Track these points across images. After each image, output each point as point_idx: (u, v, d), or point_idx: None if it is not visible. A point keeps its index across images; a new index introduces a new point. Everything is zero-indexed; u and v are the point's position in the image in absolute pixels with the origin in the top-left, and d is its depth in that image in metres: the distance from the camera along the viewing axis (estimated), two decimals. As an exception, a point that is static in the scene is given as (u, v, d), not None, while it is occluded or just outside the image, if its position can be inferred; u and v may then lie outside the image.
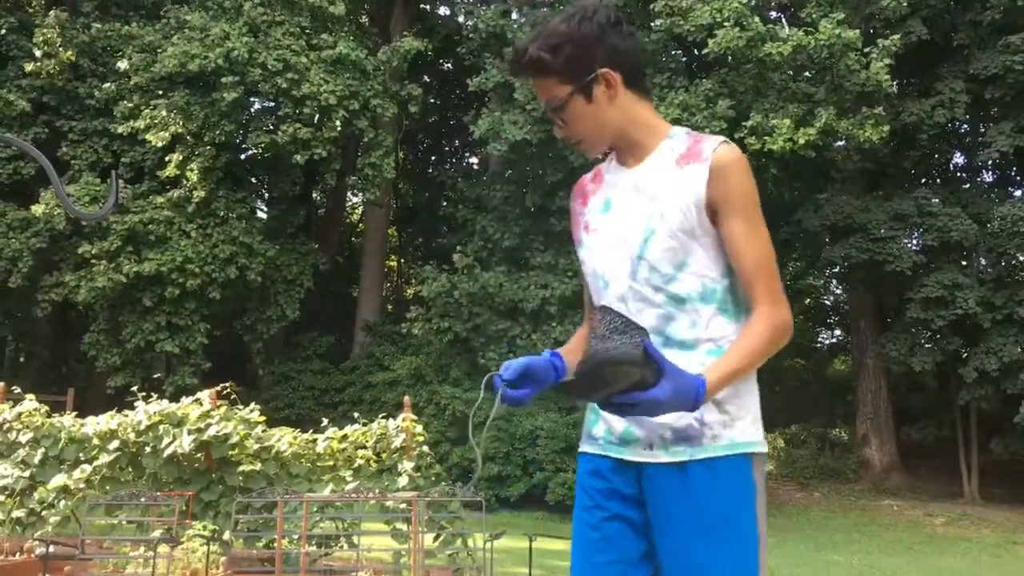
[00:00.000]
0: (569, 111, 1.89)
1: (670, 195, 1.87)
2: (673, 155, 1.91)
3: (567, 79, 1.88)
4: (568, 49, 1.86)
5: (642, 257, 1.88)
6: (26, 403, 9.46)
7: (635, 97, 1.91)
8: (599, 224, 1.96)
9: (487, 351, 19.08)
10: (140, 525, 8.27)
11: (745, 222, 1.86)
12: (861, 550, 14.50)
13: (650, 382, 1.63)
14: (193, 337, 18.87)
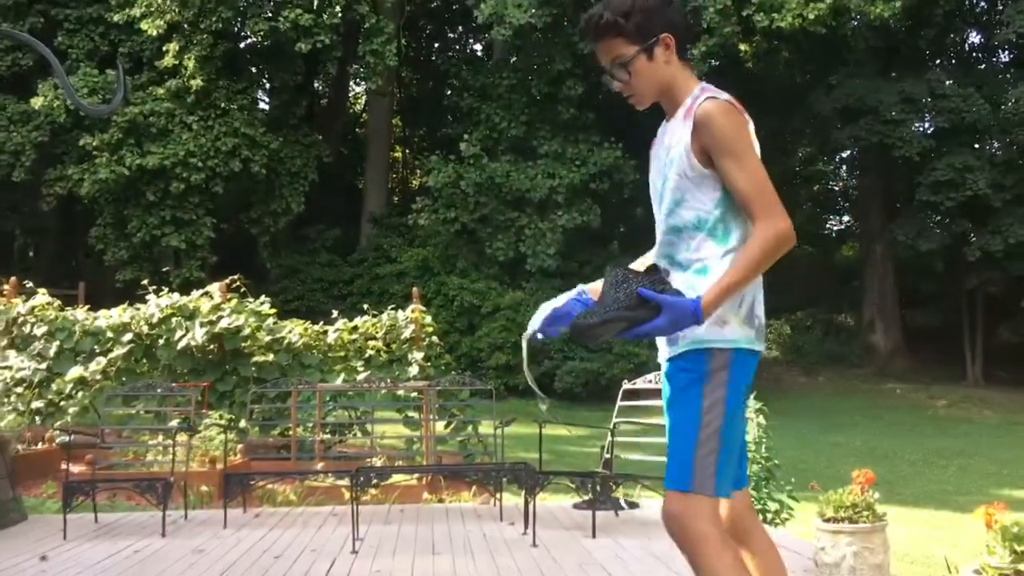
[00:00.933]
0: (633, 68, 2.25)
1: (676, 145, 2.27)
2: (683, 111, 2.28)
3: (634, 40, 2.24)
4: (639, 16, 2.23)
5: (662, 196, 2.31)
6: (39, 297, 9.55)
7: (681, 63, 2.32)
8: (655, 154, 2.40)
9: (494, 241, 19.06)
10: (158, 415, 8.45)
11: (733, 160, 2.18)
12: (863, 432, 14.77)
13: (649, 318, 2.06)
14: (199, 231, 18.85)
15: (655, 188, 2.35)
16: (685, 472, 2.12)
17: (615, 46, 2.25)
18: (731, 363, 2.19)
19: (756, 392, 7.67)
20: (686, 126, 2.23)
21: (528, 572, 4.39)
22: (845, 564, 4.14)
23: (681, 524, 2.14)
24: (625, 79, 2.27)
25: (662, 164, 2.32)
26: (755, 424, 6.68)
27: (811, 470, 10.44)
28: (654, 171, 2.38)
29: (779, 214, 2.17)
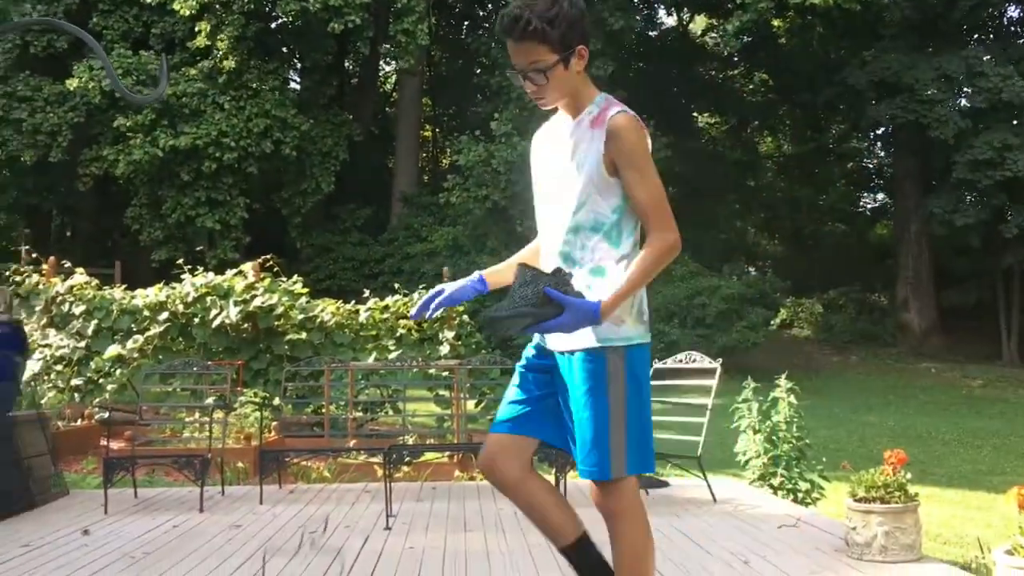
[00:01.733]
0: (551, 74, 2.35)
1: (582, 151, 2.39)
2: (589, 118, 2.42)
3: (556, 49, 2.34)
4: (563, 25, 2.33)
5: (560, 189, 2.43)
6: (76, 276, 9.71)
7: (584, 72, 2.46)
8: (541, 157, 2.52)
9: (525, 219, 19.03)
10: (194, 392, 8.58)
11: (638, 173, 2.36)
12: (897, 412, 14.68)
13: (553, 316, 2.27)
14: (233, 212, 19.02)
15: (549, 186, 2.47)
16: (605, 462, 2.37)
17: (536, 51, 2.33)
18: (629, 357, 2.42)
19: (787, 372, 7.65)
20: (596, 135, 2.38)
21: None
22: (876, 544, 4.15)
23: (609, 509, 2.44)
24: (542, 83, 2.36)
25: (562, 165, 2.42)
26: (786, 404, 6.67)
27: (843, 450, 10.41)
28: (546, 170, 2.48)
29: (672, 227, 2.39)
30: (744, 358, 17.92)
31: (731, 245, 29.02)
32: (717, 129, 28.54)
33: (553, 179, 2.45)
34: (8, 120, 18.87)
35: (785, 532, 4.83)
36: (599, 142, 2.36)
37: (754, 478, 6.72)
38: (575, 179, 2.39)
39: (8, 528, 4.97)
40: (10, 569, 4.05)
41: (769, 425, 6.69)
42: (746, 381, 6.89)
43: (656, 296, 17.87)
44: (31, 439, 5.93)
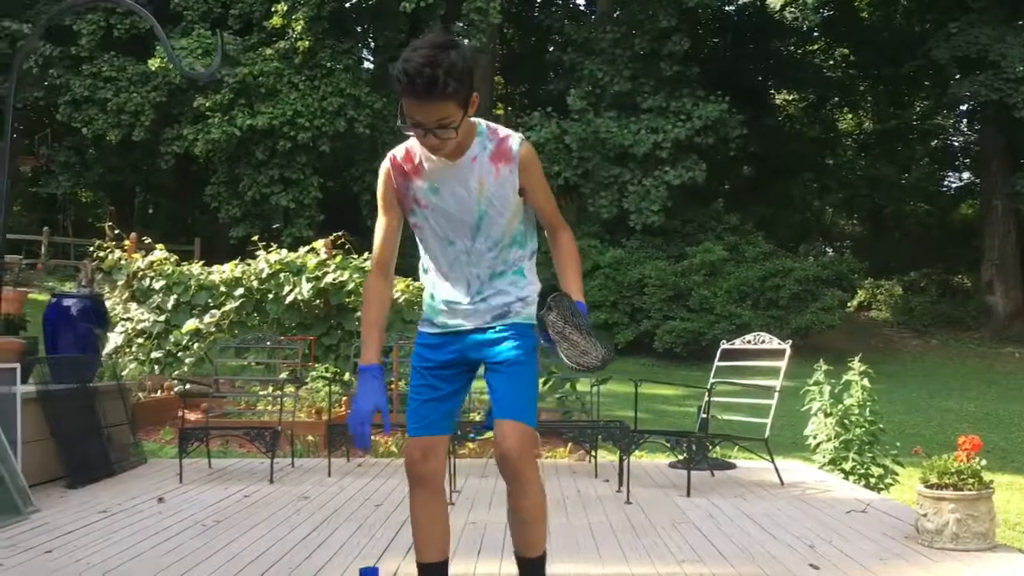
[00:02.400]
0: (450, 132, 2.36)
1: (491, 187, 2.52)
2: (486, 154, 2.51)
3: (461, 104, 2.35)
4: (467, 79, 2.34)
5: (479, 228, 2.56)
6: (156, 252, 9.99)
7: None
8: (431, 202, 2.55)
9: (597, 197, 18.94)
10: (267, 366, 8.78)
11: (543, 189, 2.64)
12: (978, 397, 14.24)
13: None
14: (307, 191, 19.34)
15: (457, 226, 2.57)
16: (532, 413, 2.62)
17: (446, 109, 2.32)
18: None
19: (863, 355, 7.48)
20: (505, 169, 2.52)
21: (620, 528, 4.43)
22: (947, 531, 4.05)
23: (526, 449, 2.57)
24: (452, 137, 2.38)
25: (470, 199, 2.53)
26: (859, 387, 6.53)
27: (920, 435, 10.15)
28: (447, 212, 2.56)
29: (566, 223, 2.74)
30: (819, 340, 17.58)
31: (808, 225, 28.42)
32: (795, 106, 27.89)
33: (462, 218, 2.55)
34: (94, 100, 19.47)
35: (853, 517, 4.74)
36: (512, 176, 2.53)
37: (824, 462, 6.60)
38: (496, 213, 2.55)
39: (88, 494, 5.16)
40: (88, 534, 4.21)
41: (841, 408, 6.57)
42: (817, 364, 6.77)
43: (728, 278, 17.63)
44: (112, 409, 6.14)
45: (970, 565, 3.77)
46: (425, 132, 2.35)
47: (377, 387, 2.49)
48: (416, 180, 2.55)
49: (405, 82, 2.28)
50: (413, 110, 2.32)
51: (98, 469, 5.65)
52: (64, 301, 6.30)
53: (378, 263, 2.65)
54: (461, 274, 2.62)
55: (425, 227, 2.60)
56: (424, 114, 2.32)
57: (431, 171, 2.52)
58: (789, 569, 3.68)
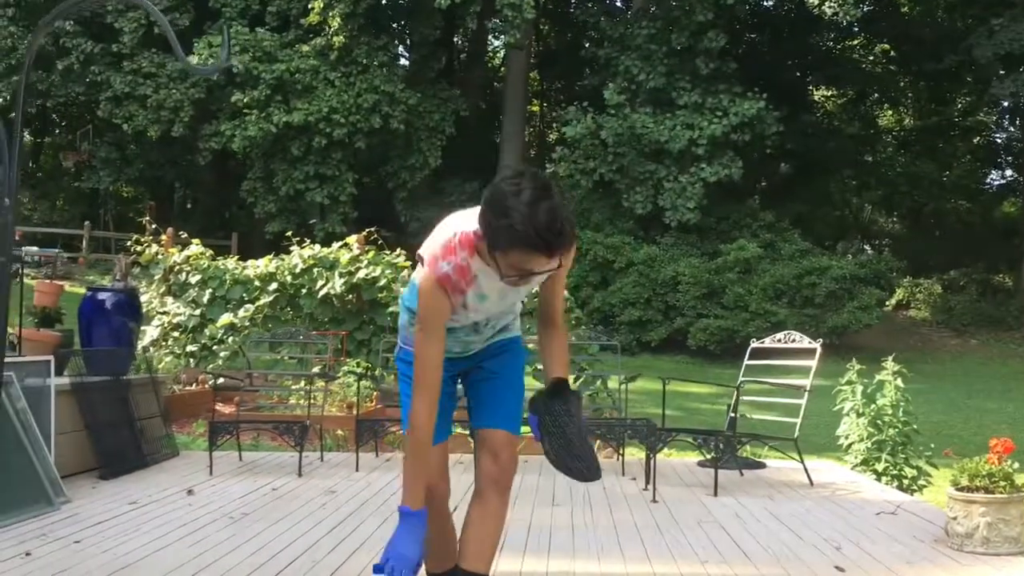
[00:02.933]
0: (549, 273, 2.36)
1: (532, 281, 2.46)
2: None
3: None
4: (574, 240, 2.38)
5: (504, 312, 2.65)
6: (192, 247, 10.11)
7: None
8: (475, 306, 2.51)
9: (632, 193, 18.87)
10: (300, 361, 8.85)
11: (563, 280, 2.60)
12: (1018, 398, 13.99)
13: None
14: (341, 187, 19.48)
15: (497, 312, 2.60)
16: (520, 425, 2.62)
17: (559, 259, 2.29)
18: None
19: (900, 354, 7.38)
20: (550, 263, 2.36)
21: (645, 527, 4.41)
22: (978, 535, 3.98)
23: (512, 464, 2.60)
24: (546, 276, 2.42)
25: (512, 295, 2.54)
26: (892, 387, 6.45)
27: (956, 436, 10.00)
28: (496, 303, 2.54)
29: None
30: (856, 339, 17.37)
31: (846, 223, 28.08)
32: (833, 102, 27.54)
33: (498, 311, 2.60)
34: (135, 96, 19.76)
35: (882, 519, 4.68)
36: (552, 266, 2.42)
37: (856, 463, 6.52)
38: (517, 299, 2.63)
39: (119, 486, 5.24)
40: (117, 524, 4.27)
41: (874, 409, 6.49)
42: (850, 363, 6.69)
43: (763, 275, 17.48)
44: (145, 402, 6.23)
45: (1000, 569, 3.71)
46: (530, 275, 2.30)
47: (421, 534, 2.34)
48: (471, 292, 2.47)
49: (542, 243, 2.17)
50: (537, 262, 2.23)
51: (130, 461, 5.74)
52: (99, 295, 6.40)
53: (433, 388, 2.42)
54: (471, 339, 2.66)
55: (459, 321, 2.56)
56: (548, 263, 2.25)
57: (484, 284, 2.45)
58: (814, 571, 3.64)
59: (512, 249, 2.19)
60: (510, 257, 2.22)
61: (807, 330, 13.15)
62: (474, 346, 2.68)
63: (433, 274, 2.40)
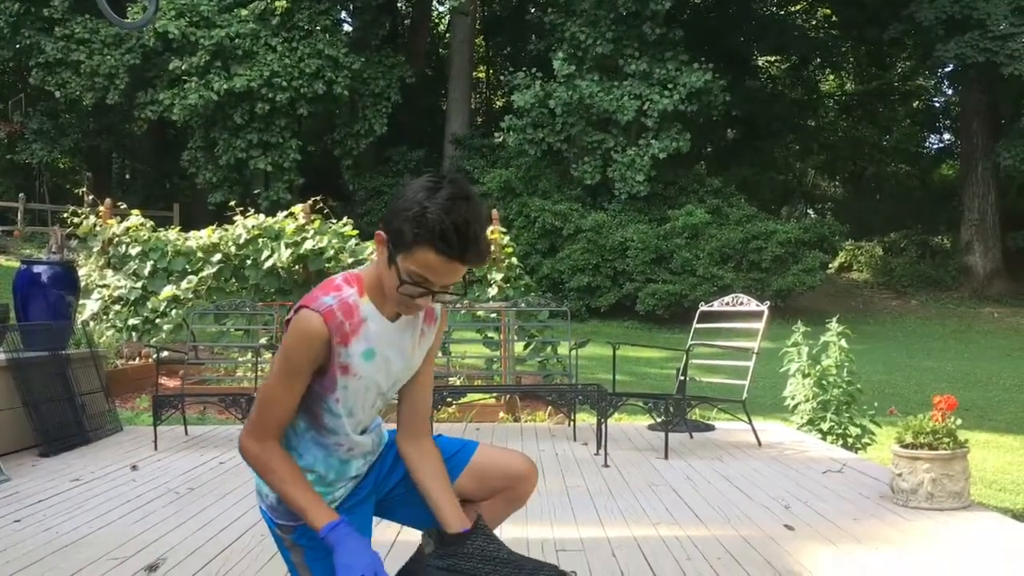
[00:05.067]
0: (449, 296, 2.02)
1: (418, 353, 2.16)
2: (421, 316, 2.13)
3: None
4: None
5: (385, 395, 2.16)
6: (133, 218, 9.86)
7: None
8: (360, 370, 2.06)
9: (580, 163, 18.85)
10: (246, 332, 8.71)
11: (433, 359, 2.24)
12: (956, 357, 14.36)
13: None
14: (285, 154, 19.14)
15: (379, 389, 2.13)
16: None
17: (463, 273, 1.97)
18: None
19: (840, 315, 7.50)
20: (430, 326, 2.17)
21: (597, 491, 4.43)
22: (922, 491, 4.06)
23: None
24: (446, 301, 2.08)
25: (399, 364, 2.12)
26: (836, 348, 6.54)
27: (898, 395, 10.22)
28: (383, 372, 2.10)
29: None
30: (800, 302, 17.65)
31: (789, 187, 28.45)
32: (777, 68, 27.77)
33: (380, 386, 2.13)
34: (67, 62, 19.17)
35: (829, 478, 4.75)
36: (430, 337, 2.18)
37: (803, 423, 6.63)
38: (406, 379, 2.19)
39: (61, 462, 5.11)
40: (59, 502, 4.17)
41: (819, 369, 6.58)
42: (796, 325, 6.77)
43: (711, 240, 17.62)
44: (85, 377, 6.08)
45: (944, 524, 3.79)
46: (428, 295, 1.95)
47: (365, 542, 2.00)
48: (354, 343, 2.02)
49: (446, 244, 1.85)
50: (435, 271, 1.89)
51: (71, 437, 5.60)
52: (34, 268, 6.21)
53: (281, 428, 2.06)
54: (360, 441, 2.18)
55: (341, 398, 2.07)
56: (448, 276, 1.92)
57: (374, 333, 2.03)
58: (764, 531, 3.68)
59: (418, 247, 1.86)
60: (414, 258, 1.88)
61: (753, 293, 13.33)
62: (359, 467, 2.21)
63: (315, 308, 1.98)
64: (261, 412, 2.02)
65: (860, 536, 3.58)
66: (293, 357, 1.98)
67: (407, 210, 1.87)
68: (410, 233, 1.86)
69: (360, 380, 2.06)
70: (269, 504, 2.14)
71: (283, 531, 2.14)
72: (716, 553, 3.33)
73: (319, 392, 2.06)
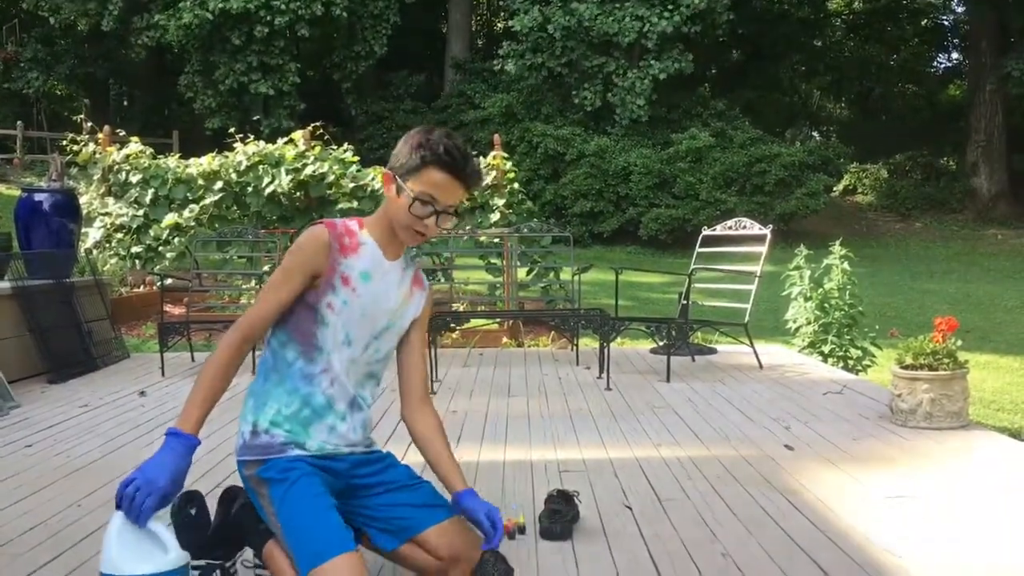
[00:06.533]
0: (450, 221, 2.16)
1: (406, 308, 2.27)
2: (411, 273, 2.28)
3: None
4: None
5: (377, 339, 2.22)
6: (132, 145, 9.79)
7: None
8: (359, 287, 2.17)
9: (581, 89, 18.60)
10: (249, 260, 8.73)
11: (424, 339, 2.35)
12: (959, 279, 14.38)
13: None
14: (285, 78, 18.88)
15: (372, 322, 2.18)
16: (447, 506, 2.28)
17: (460, 196, 2.14)
18: None
19: (843, 238, 7.49)
20: (418, 296, 2.29)
21: (599, 413, 4.48)
22: (921, 411, 4.10)
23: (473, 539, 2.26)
24: (448, 227, 2.20)
25: (389, 303, 2.21)
26: (839, 271, 6.55)
27: (900, 318, 10.27)
28: (374, 301, 2.17)
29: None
30: (804, 225, 17.60)
31: (794, 109, 28.08)
32: (783, -15, 27.18)
33: (374, 319, 2.19)
34: (59, -15, 18.82)
35: (830, 399, 4.81)
36: (418, 304, 2.30)
37: (804, 345, 6.68)
38: (395, 334, 2.25)
39: (69, 389, 5.18)
40: (70, 427, 4.23)
41: (821, 292, 6.60)
42: (799, 248, 6.76)
43: (714, 164, 17.49)
44: (90, 305, 6.11)
45: (942, 443, 3.84)
46: (435, 215, 2.11)
47: (183, 468, 1.94)
48: (352, 258, 2.16)
49: (448, 159, 2.08)
50: (441, 188, 2.09)
51: (79, 364, 5.66)
52: (35, 196, 6.19)
53: (251, 327, 2.09)
54: (343, 389, 2.20)
55: (339, 311, 2.14)
56: (451, 195, 2.11)
57: (372, 259, 2.18)
58: (764, 451, 3.73)
59: (425, 168, 2.07)
60: (421, 179, 2.07)
61: (756, 217, 13.28)
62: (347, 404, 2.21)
63: (320, 225, 2.15)
64: (249, 310, 2.13)
65: (858, 455, 3.64)
66: (291, 258, 2.11)
67: (411, 144, 2.11)
68: (417, 157, 2.08)
69: (359, 299, 2.15)
70: (242, 443, 2.16)
71: (248, 470, 2.14)
72: (716, 472, 3.39)
73: (313, 302, 2.12)
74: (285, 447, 2.12)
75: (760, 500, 3.03)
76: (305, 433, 2.16)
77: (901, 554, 2.51)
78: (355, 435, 2.24)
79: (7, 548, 2.61)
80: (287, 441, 2.13)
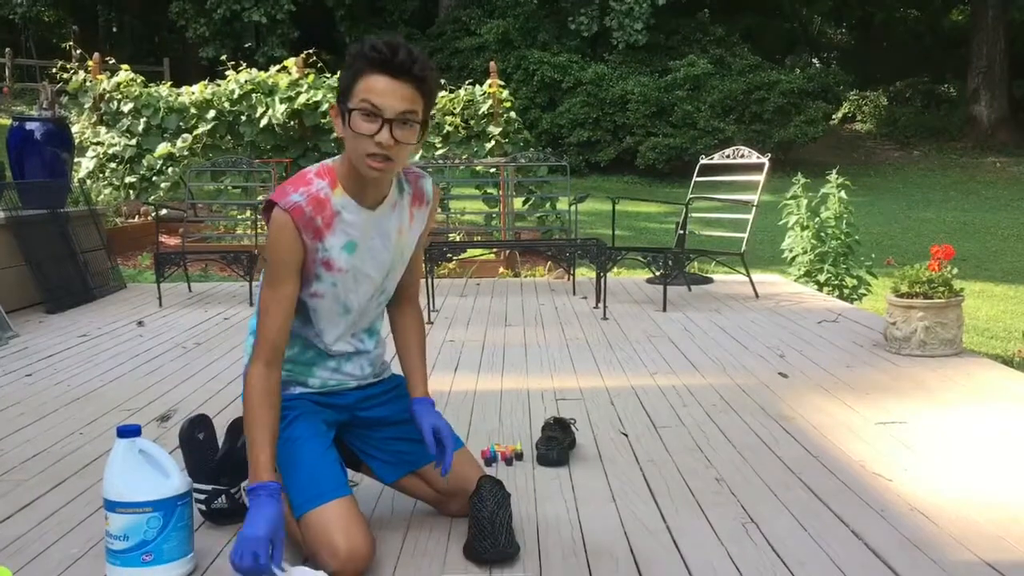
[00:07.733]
0: (412, 134, 1.92)
1: (408, 237, 2.14)
2: (405, 198, 2.10)
3: (426, 108, 1.94)
4: (436, 87, 1.96)
5: (382, 285, 2.15)
6: (122, 74, 9.65)
7: None
8: (343, 263, 2.05)
9: (577, 14, 18.28)
10: (244, 190, 8.68)
11: (424, 241, 2.23)
12: (956, 208, 14.35)
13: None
14: (279, 4, 18.54)
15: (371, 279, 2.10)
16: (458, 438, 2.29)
17: (415, 101, 1.88)
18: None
19: (841, 167, 7.46)
20: (420, 214, 2.15)
21: (595, 342, 4.51)
22: (915, 339, 4.13)
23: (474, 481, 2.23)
24: (409, 141, 1.91)
25: (386, 251, 2.09)
26: (835, 200, 6.53)
27: (896, 246, 10.28)
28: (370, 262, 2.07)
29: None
30: (802, 154, 17.50)
31: (795, 35, 27.65)
32: (786, -94, 26.53)
33: (372, 276, 2.09)
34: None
35: (824, 327, 4.84)
36: (422, 221, 2.16)
37: (800, 275, 6.69)
38: (400, 265, 2.16)
39: (67, 319, 5.19)
40: (69, 357, 4.25)
41: (818, 222, 6.60)
42: (796, 177, 6.74)
43: (712, 92, 17.29)
44: (86, 235, 6.10)
45: (935, 370, 3.88)
46: (385, 126, 1.86)
47: (275, 512, 1.85)
48: (329, 237, 1.99)
49: (377, 55, 1.84)
50: (379, 92, 1.85)
51: (76, 294, 5.66)
52: (27, 125, 6.12)
53: (273, 350, 1.97)
54: (346, 346, 2.16)
55: (326, 294, 2.06)
56: (395, 97, 1.86)
57: (350, 223, 2.00)
58: (759, 378, 3.77)
59: (357, 78, 1.86)
60: (356, 92, 1.86)
61: (755, 145, 13.17)
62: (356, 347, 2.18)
63: (282, 205, 1.94)
64: (260, 326, 2.00)
65: (852, 382, 3.68)
66: (274, 260, 1.97)
67: (346, 64, 1.91)
68: (350, 73, 1.88)
69: (347, 274, 2.05)
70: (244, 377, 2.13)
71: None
72: (711, 400, 3.43)
73: (301, 294, 2.04)
74: (287, 385, 2.09)
75: (754, 427, 3.07)
76: (308, 372, 2.15)
77: (892, 478, 2.55)
78: (362, 371, 2.22)
79: (10, 475, 2.64)
80: (288, 379, 2.10)
